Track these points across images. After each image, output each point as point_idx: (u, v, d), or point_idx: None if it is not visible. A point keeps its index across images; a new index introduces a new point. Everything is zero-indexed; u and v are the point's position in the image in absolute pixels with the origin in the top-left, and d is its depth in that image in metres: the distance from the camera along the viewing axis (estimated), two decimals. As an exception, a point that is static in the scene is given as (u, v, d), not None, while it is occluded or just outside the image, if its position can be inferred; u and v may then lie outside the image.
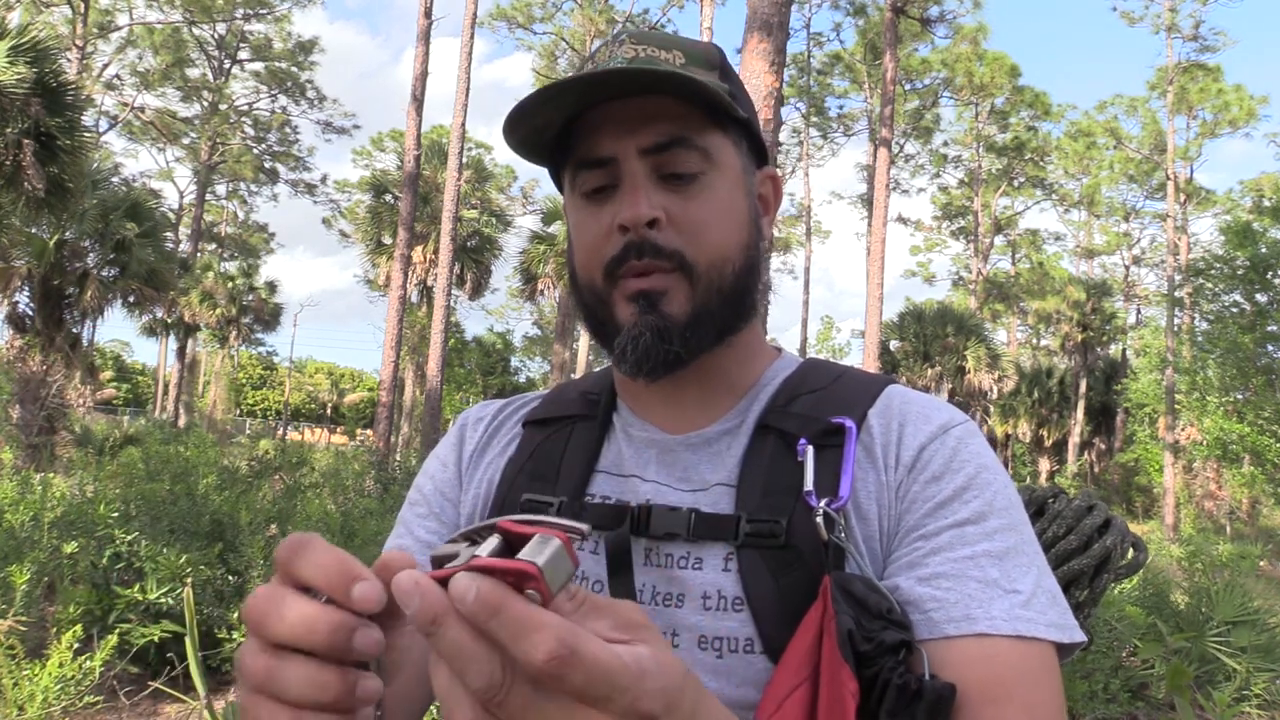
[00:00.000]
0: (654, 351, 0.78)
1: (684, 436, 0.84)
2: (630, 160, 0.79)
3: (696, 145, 0.81)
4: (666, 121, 0.80)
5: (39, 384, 11.64)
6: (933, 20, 24.85)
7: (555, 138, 0.84)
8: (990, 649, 0.67)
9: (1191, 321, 21.44)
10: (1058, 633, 0.69)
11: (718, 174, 0.82)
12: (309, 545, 0.45)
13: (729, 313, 0.82)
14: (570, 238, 0.87)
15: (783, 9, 7.20)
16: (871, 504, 0.76)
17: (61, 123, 10.30)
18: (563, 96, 0.78)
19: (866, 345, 17.26)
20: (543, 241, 22.92)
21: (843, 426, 0.78)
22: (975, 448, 0.78)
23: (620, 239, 0.79)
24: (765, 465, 0.79)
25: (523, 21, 30.41)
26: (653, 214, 0.78)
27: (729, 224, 0.82)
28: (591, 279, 0.83)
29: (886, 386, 0.84)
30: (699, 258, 0.80)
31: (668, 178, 0.80)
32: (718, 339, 0.82)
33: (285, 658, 0.44)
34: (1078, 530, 0.91)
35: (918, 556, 0.73)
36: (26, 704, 3.65)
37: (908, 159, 36.70)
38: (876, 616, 0.67)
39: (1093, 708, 4.78)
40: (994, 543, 0.72)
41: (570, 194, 0.86)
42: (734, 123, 0.84)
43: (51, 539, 4.92)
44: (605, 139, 0.80)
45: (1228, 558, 7.28)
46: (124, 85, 31.81)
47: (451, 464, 0.95)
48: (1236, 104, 28.54)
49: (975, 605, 0.69)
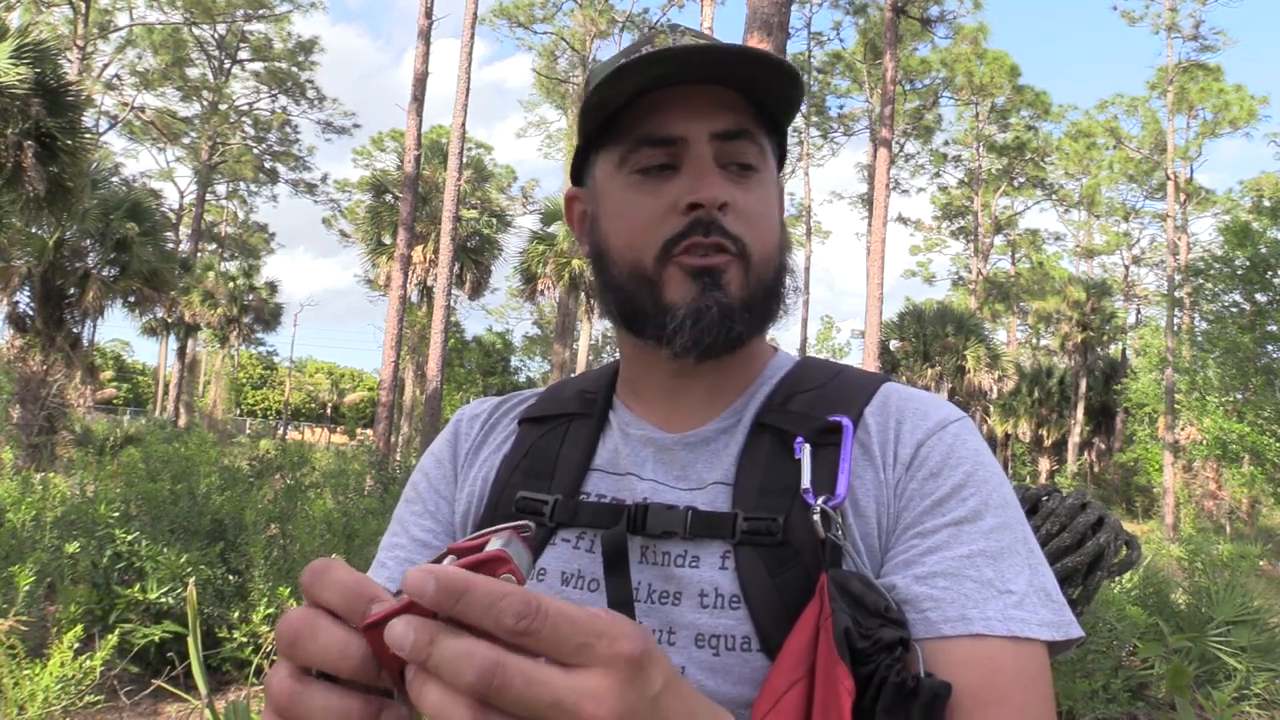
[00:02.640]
0: (716, 328, 0.79)
1: (681, 435, 0.84)
2: (701, 143, 0.80)
3: (757, 141, 0.83)
4: (735, 112, 0.81)
5: (39, 384, 11.64)
6: (933, 20, 24.85)
7: (612, 113, 0.83)
8: (985, 650, 0.68)
9: (1191, 321, 21.43)
10: (1051, 631, 0.70)
11: (768, 173, 0.85)
12: (330, 567, 0.45)
13: (770, 307, 0.84)
14: (602, 215, 0.86)
15: (783, 8, 7.20)
16: (870, 501, 0.76)
17: (62, 123, 10.30)
18: (660, 65, 0.78)
19: (866, 345, 17.25)
20: (543, 241, 22.89)
21: (840, 424, 0.78)
22: (973, 444, 0.78)
23: (683, 218, 0.79)
24: (762, 463, 0.79)
25: (523, 21, 30.40)
26: (726, 197, 0.79)
27: (774, 222, 0.85)
28: (639, 258, 0.82)
29: (883, 384, 0.84)
30: (755, 248, 0.81)
31: (729, 167, 0.81)
32: (759, 330, 0.83)
33: (312, 683, 0.44)
34: (1071, 528, 0.91)
35: (914, 554, 0.73)
36: (27, 704, 3.65)
37: (908, 159, 36.70)
38: (873, 614, 0.68)
39: (1093, 707, 4.78)
40: (990, 541, 0.72)
41: (614, 171, 0.84)
42: (775, 128, 0.87)
43: (52, 539, 4.93)
44: (677, 119, 0.80)
45: (1228, 557, 7.27)
46: (124, 85, 31.82)
47: (447, 461, 0.94)
48: (1237, 104, 28.53)
49: (971, 605, 0.69)
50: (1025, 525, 0.77)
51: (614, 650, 0.40)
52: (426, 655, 0.39)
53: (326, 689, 0.44)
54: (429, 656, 0.39)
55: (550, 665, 0.39)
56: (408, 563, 0.90)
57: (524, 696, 0.38)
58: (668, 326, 0.80)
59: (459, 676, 0.38)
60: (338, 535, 5.54)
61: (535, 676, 0.38)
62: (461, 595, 0.39)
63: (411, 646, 0.39)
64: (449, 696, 0.38)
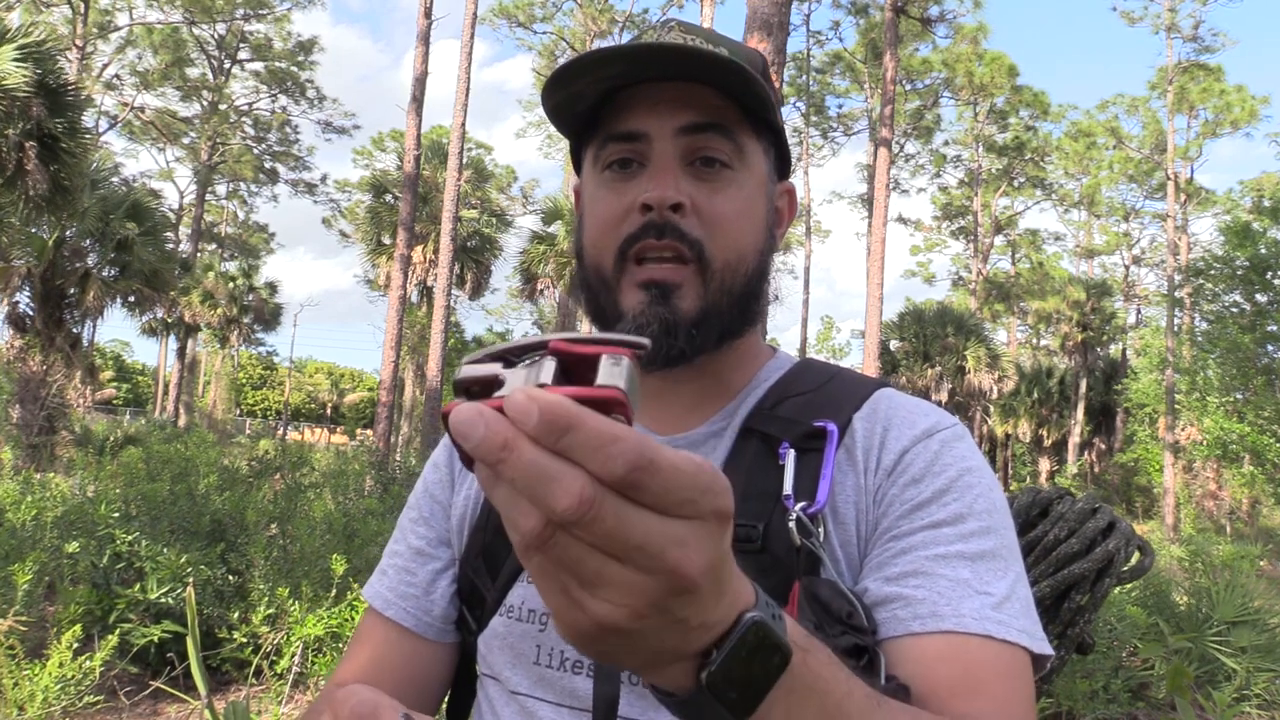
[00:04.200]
0: (657, 344, 0.76)
1: (670, 438, 0.83)
2: (664, 140, 0.78)
3: (731, 137, 0.79)
4: (706, 107, 0.79)
5: (39, 384, 11.63)
6: (933, 20, 24.85)
7: (587, 112, 0.82)
8: (959, 646, 0.66)
9: (1191, 321, 21.45)
10: (1029, 640, 0.68)
11: (746, 173, 0.81)
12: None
13: (735, 316, 0.80)
14: (582, 215, 0.85)
15: (783, 8, 7.20)
16: (849, 508, 0.75)
17: (63, 124, 10.30)
18: (609, 64, 0.76)
19: (866, 345, 17.25)
20: (543, 241, 22.88)
21: (824, 430, 0.76)
22: (960, 451, 0.77)
23: (640, 218, 0.77)
24: (746, 469, 0.77)
25: (523, 20, 30.40)
26: (679, 198, 0.76)
27: (748, 225, 0.81)
28: (600, 260, 0.80)
29: (877, 390, 0.82)
30: (716, 254, 0.78)
31: (697, 164, 0.79)
32: (720, 341, 0.80)
33: None
34: (1080, 533, 0.90)
35: (887, 557, 0.72)
36: (26, 704, 3.65)
37: (908, 159, 36.69)
38: (837, 621, 0.66)
39: (1093, 708, 4.77)
40: (969, 545, 0.70)
41: (591, 169, 0.84)
42: (767, 129, 0.84)
43: (52, 539, 4.92)
44: (640, 114, 0.79)
45: (1228, 558, 7.27)
46: (124, 85, 31.79)
47: (444, 464, 0.94)
48: (1238, 104, 28.53)
49: (944, 603, 0.67)
50: (1013, 535, 0.74)
51: (714, 506, 0.38)
52: (499, 460, 0.35)
53: None
54: (501, 462, 0.35)
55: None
56: (406, 571, 0.91)
57: (612, 533, 0.36)
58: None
59: (545, 499, 0.35)
60: (338, 536, 5.53)
61: (625, 514, 0.36)
62: (566, 432, 0.35)
63: (482, 443, 0.35)
64: (523, 506, 0.36)
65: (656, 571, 0.37)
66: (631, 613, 0.38)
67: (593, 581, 0.37)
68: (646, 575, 0.37)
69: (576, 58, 0.76)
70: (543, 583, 0.39)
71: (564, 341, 0.39)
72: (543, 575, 0.38)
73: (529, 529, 0.36)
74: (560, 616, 0.39)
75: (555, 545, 0.36)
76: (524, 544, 0.37)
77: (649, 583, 0.37)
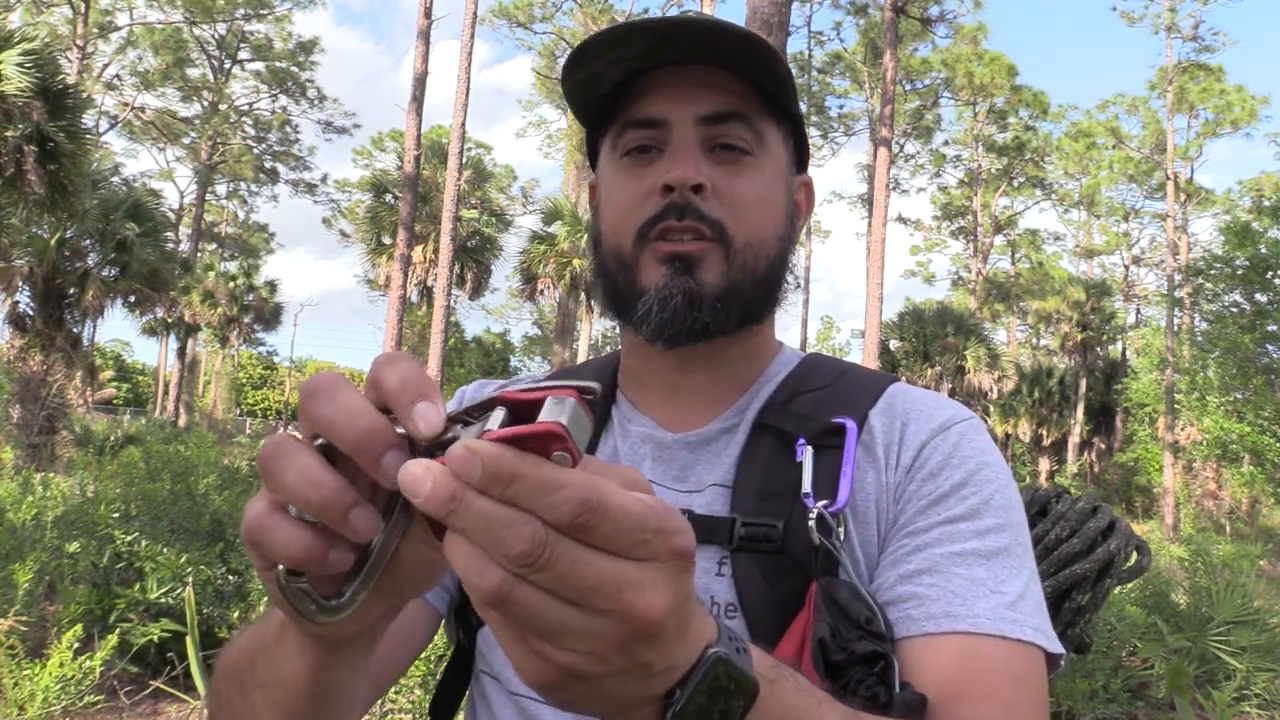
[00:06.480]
0: (681, 316, 0.76)
1: (682, 435, 0.82)
2: (684, 126, 0.78)
3: (753, 124, 0.79)
4: (727, 95, 0.78)
5: (39, 384, 11.63)
6: (933, 20, 24.84)
7: (605, 99, 0.82)
8: (972, 648, 0.65)
9: (1191, 321, 21.45)
10: (1044, 639, 0.67)
11: (767, 159, 0.81)
12: (339, 389, 0.41)
13: (758, 298, 0.80)
14: (600, 201, 0.85)
15: (783, 8, 7.20)
16: (870, 506, 0.74)
17: (63, 126, 10.30)
18: (631, 41, 0.75)
19: (866, 345, 17.25)
20: (543, 241, 22.86)
21: (843, 426, 0.76)
22: (978, 444, 0.76)
23: (661, 200, 0.77)
24: (762, 466, 0.76)
25: (523, 20, 30.39)
26: (700, 179, 0.76)
27: (769, 210, 0.81)
28: (620, 242, 0.80)
29: (890, 385, 0.82)
30: (738, 234, 0.78)
31: (718, 150, 0.79)
32: (742, 322, 0.80)
33: (276, 515, 0.42)
34: (1081, 533, 0.90)
35: (902, 554, 0.71)
36: (27, 704, 3.65)
37: (908, 159, 36.69)
38: (855, 625, 0.66)
39: (1093, 707, 4.77)
40: (985, 541, 0.70)
41: (609, 156, 0.83)
42: (786, 117, 0.83)
43: (52, 538, 4.92)
44: (660, 101, 0.78)
45: (1228, 557, 7.27)
46: (124, 85, 31.80)
47: None
48: (1238, 104, 28.53)
49: (958, 603, 0.66)
50: (1026, 532, 0.74)
51: (669, 545, 0.38)
52: (449, 512, 0.36)
53: (286, 522, 0.42)
54: (451, 514, 0.36)
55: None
56: None
57: (566, 575, 0.36)
58: (638, 311, 0.78)
59: (499, 545, 0.35)
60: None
61: (580, 556, 0.36)
62: (510, 483, 0.35)
63: (430, 498, 0.36)
64: (480, 560, 0.36)
65: (614, 614, 0.37)
66: (594, 658, 0.38)
67: (553, 631, 0.37)
68: (605, 619, 0.37)
69: (598, 33, 0.75)
70: (503, 635, 0.39)
71: (513, 391, 0.40)
72: (502, 628, 0.38)
73: (488, 586, 0.36)
74: (520, 666, 0.39)
75: (514, 600, 0.36)
76: (482, 600, 0.36)
77: (609, 626, 0.37)
